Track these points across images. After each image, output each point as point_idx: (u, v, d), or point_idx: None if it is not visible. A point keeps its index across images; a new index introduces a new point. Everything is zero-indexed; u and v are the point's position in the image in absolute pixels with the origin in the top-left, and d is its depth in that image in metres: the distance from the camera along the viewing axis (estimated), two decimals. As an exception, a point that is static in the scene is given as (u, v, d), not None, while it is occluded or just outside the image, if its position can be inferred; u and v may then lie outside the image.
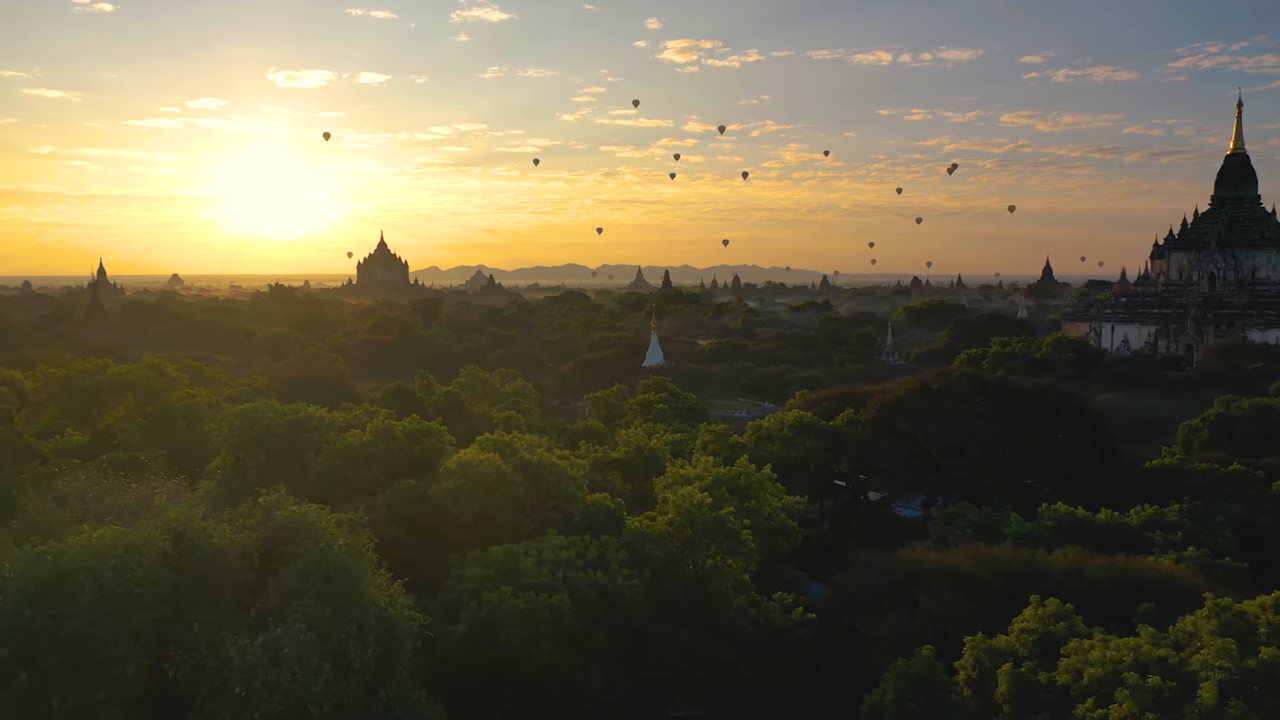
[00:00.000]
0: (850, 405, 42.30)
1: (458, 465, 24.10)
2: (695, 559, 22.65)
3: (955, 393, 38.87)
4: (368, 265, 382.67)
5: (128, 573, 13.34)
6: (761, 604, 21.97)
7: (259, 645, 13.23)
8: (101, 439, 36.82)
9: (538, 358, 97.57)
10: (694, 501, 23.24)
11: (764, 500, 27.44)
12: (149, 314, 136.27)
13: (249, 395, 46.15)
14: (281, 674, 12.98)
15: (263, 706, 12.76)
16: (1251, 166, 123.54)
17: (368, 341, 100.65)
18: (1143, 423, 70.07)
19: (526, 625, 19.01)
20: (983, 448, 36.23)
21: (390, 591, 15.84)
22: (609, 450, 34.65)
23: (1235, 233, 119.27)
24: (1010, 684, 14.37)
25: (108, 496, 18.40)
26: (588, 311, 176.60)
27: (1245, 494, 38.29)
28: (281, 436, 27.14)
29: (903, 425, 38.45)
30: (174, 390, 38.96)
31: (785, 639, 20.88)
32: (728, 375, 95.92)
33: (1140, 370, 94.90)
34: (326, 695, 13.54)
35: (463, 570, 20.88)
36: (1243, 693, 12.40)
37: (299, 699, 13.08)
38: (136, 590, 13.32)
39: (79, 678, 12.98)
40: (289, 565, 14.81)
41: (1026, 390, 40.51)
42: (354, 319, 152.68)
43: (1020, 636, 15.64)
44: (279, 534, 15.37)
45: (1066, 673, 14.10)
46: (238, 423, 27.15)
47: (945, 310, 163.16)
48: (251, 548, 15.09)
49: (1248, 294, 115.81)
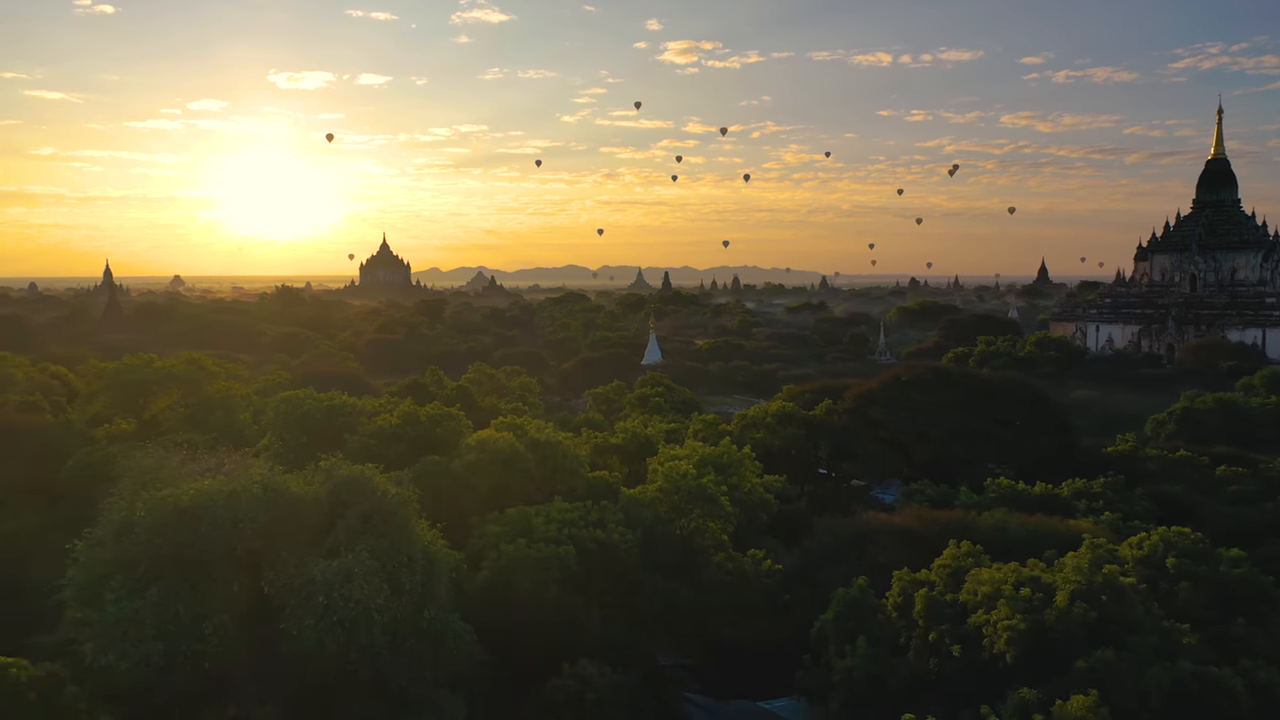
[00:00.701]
0: (830, 397, 46.10)
1: (477, 442, 27.96)
2: (680, 521, 26.47)
3: (923, 385, 42.71)
4: (370, 267, 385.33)
5: (232, 511, 17.16)
6: (737, 559, 25.81)
7: (335, 567, 17.05)
8: (147, 427, 40.55)
9: (540, 356, 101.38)
10: (680, 472, 27.09)
11: (744, 476, 31.22)
12: (160, 315, 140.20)
13: (274, 389, 50.04)
14: (353, 589, 16.80)
15: (339, 612, 16.56)
16: (1231, 171, 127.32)
17: (377, 341, 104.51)
18: (1117, 417, 73.48)
19: (538, 571, 22.83)
20: (946, 434, 40.06)
21: (431, 535, 19.67)
22: (608, 437, 38.44)
23: (1215, 235, 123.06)
24: (924, 604, 18.18)
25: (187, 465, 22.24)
26: (588, 312, 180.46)
27: (1190, 477, 42.05)
28: (320, 420, 31.03)
29: (876, 415, 42.28)
30: (212, 383, 42.78)
31: (755, 586, 24.72)
32: (723, 373, 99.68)
33: (1118, 368, 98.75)
34: (385, 608, 17.36)
35: (484, 528, 24.72)
36: (1089, 599, 16.17)
37: (365, 608, 16.89)
38: (238, 525, 17.14)
39: (196, 592, 16.80)
40: (351, 510, 18.64)
41: (988, 383, 44.35)
42: (360, 319, 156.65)
43: (937, 571, 19.44)
44: (341, 487, 19.20)
45: (966, 593, 17.90)
46: (283, 408, 31.02)
47: (937, 310, 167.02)
48: (321, 496, 18.90)
49: (1227, 294, 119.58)
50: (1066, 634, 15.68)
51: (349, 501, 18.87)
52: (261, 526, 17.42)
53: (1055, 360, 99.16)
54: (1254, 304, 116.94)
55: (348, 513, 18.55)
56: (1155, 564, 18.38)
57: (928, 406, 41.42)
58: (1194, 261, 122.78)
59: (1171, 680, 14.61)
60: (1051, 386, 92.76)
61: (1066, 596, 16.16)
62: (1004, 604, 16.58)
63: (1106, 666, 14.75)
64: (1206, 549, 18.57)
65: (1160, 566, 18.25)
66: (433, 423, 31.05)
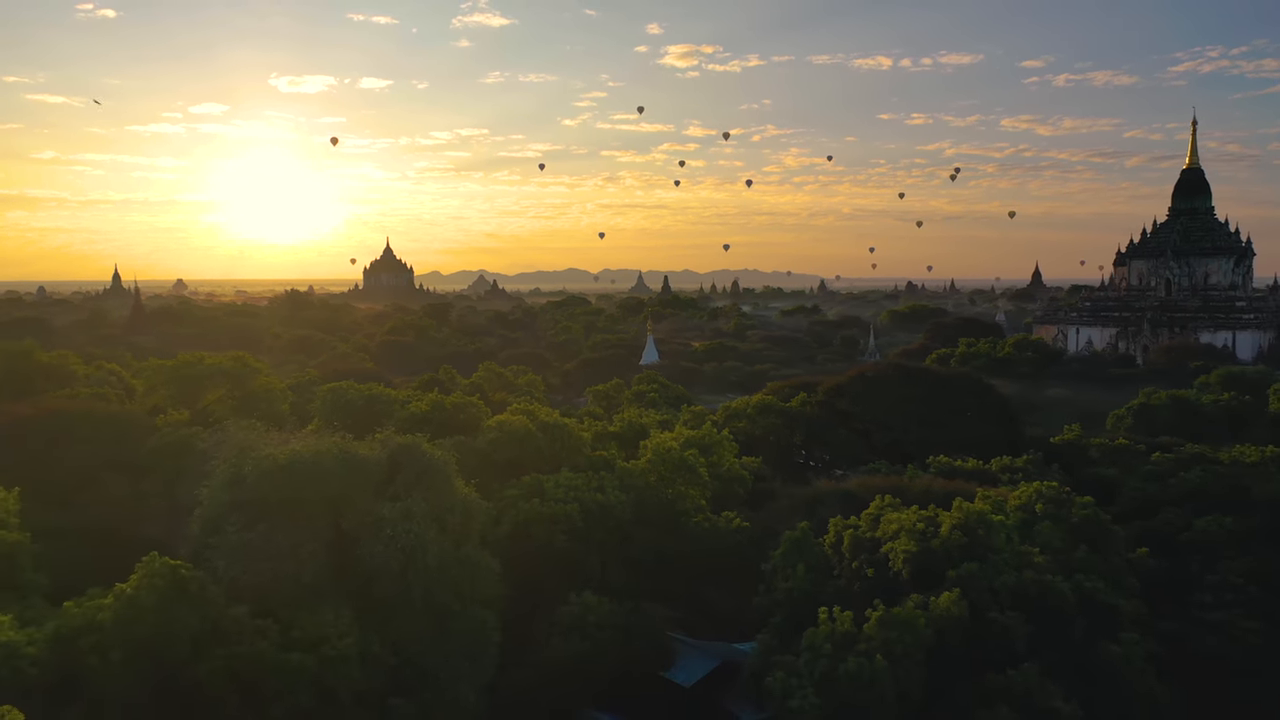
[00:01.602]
0: (806, 391, 51.55)
1: (496, 424, 33.42)
2: (666, 487, 31.89)
3: (886, 380, 48.16)
4: (374, 271, 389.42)
5: (318, 467, 22.56)
6: (712, 519, 31.23)
7: (398, 508, 22.46)
8: (200, 416, 45.97)
9: (543, 357, 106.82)
10: (667, 448, 32.52)
11: (723, 456, 36.66)
12: (175, 318, 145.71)
13: (305, 385, 55.52)
14: (411, 524, 22.18)
15: (401, 541, 21.92)
16: (1205, 180, 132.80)
17: (388, 342, 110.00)
18: (1087, 413, 78.75)
19: (548, 524, 28.26)
20: (904, 422, 45.46)
21: (467, 489, 25.09)
22: (607, 425, 43.83)
23: (1189, 241, 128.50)
24: (849, 540, 23.56)
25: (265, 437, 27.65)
26: (589, 315, 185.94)
27: (1128, 463, 47.37)
28: (361, 406, 36.49)
29: (844, 406, 47.70)
30: (255, 378, 48.13)
31: (726, 539, 30.11)
32: (717, 373, 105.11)
33: (1091, 368, 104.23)
34: (434, 541, 22.76)
35: (503, 492, 30.12)
36: (965, 530, 21.55)
37: (420, 539, 22.26)
38: (324, 477, 22.54)
39: (293, 527, 22.18)
40: (406, 468, 24.07)
41: (944, 378, 49.84)
42: (369, 322, 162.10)
43: (864, 518, 24.84)
44: (397, 452, 24.62)
45: (880, 531, 23.29)
46: (329, 396, 36.49)
47: (927, 314, 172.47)
48: (382, 459, 24.31)
49: (1199, 298, 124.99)
50: (945, 555, 21.03)
51: (403, 463, 24.31)
52: (339, 479, 22.84)
53: (1032, 361, 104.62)
54: (1225, 307, 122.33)
55: (403, 471, 24.00)
56: (1028, 509, 23.81)
57: (890, 399, 46.84)
58: (1169, 267, 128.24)
59: (1015, 584, 19.97)
60: (1028, 385, 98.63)
61: (948, 528, 21.54)
62: (904, 536, 21.97)
63: (969, 575, 20.10)
64: (1065, 498, 24.00)
65: (1032, 511, 23.67)
66: (456, 409, 36.50)
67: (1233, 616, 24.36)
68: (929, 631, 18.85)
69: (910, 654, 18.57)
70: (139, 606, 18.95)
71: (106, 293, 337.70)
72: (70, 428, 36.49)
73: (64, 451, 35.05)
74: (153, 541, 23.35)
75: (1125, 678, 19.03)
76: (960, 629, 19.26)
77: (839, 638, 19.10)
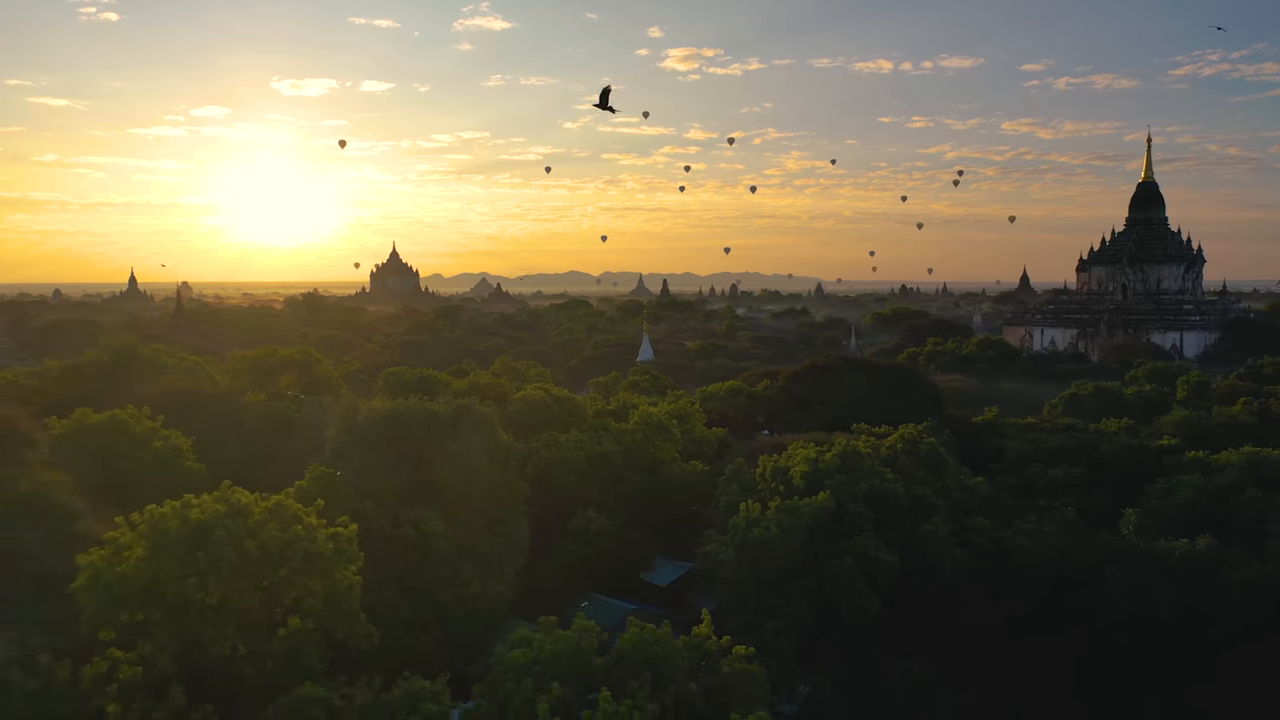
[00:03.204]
0: (770, 379, 62.47)
1: (521, 397, 44.36)
2: (649, 443, 42.79)
3: (833, 369, 59.06)
4: (381, 274, 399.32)
5: (408, 416, 33.46)
6: (682, 466, 42.13)
7: (460, 444, 33.36)
8: (275, 398, 56.89)
9: (549, 354, 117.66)
10: (649, 414, 43.45)
11: (694, 424, 47.62)
12: (207, 319, 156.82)
13: (353, 375, 66.51)
14: (472, 454, 33.05)
15: (465, 465, 32.77)
16: (1159, 193, 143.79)
17: (408, 341, 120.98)
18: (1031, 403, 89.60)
19: (562, 466, 39.16)
20: (845, 402, 56.30)
21: (506, 437, 36.01)
22: (605, 405, 54.75)
23: (1144, 249, 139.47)
24: (769, 468, 34.42)
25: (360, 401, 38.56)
26: (590, 317, 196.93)
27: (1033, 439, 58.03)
28: (415, 385, 47.39)
29: (798, 390, 58.60)
30: (318, 366, 59.15)
31: (691, 479, 41.04)
32: (707, 370, 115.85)
33: (1043, 365, 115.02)
34: (484, 469, 33.67)
35: (529, 444, 41.02)
36: (843, 458, 32.40)
37: (478, 465, 33.13)
38: (411, 422, 33.44)
39: (392, 455, 33.04)
40: (464, 419, 34.98)
41: (881, 368, 60.75)
42: (384, 323, 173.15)
43: (782, 455, 35.68)
44: (458, 408, 35.52)
45: (788, 461, 34.14)
46: (390, 378, 47.42)
47: (908, 316, 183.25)
48: (448, 411, 35.24)
49: (1152, 302, 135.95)
50: (826, 472, 31.86)
51: (462, 415, 35.26)
52: (422, 424, 33.80)
53: (991, 358, 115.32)
54: (1174, 310, 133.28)
55: (463, 420, 34.96)
56: (893, 448, 34.75)
57: (836, 385, 57.73)
58: (1125, 273, 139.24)
59: (868, 488, 30.81)
60: (986, 380, 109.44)
61: (830, 456, 32.44)
62: (801, 461, 32.86)
63: (838, 483, 30.91)
64: (918, 439, 34.88)
65: (894, 449, 34.62)
66: (489, 387, 47.45)
67: (1039, 525, 35.14)
68: (808, 516, 29.67)
69: (795, 529, 29.34)
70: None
71: (123, 295, 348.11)
72: (193, 403, 47.38)
73: (191, 419, 45.93)
74: (279, 478, 34.24)
75: (931, 547, 29.83)
76: (830, 515, 30.05)
77: (750, 519, 29.95)
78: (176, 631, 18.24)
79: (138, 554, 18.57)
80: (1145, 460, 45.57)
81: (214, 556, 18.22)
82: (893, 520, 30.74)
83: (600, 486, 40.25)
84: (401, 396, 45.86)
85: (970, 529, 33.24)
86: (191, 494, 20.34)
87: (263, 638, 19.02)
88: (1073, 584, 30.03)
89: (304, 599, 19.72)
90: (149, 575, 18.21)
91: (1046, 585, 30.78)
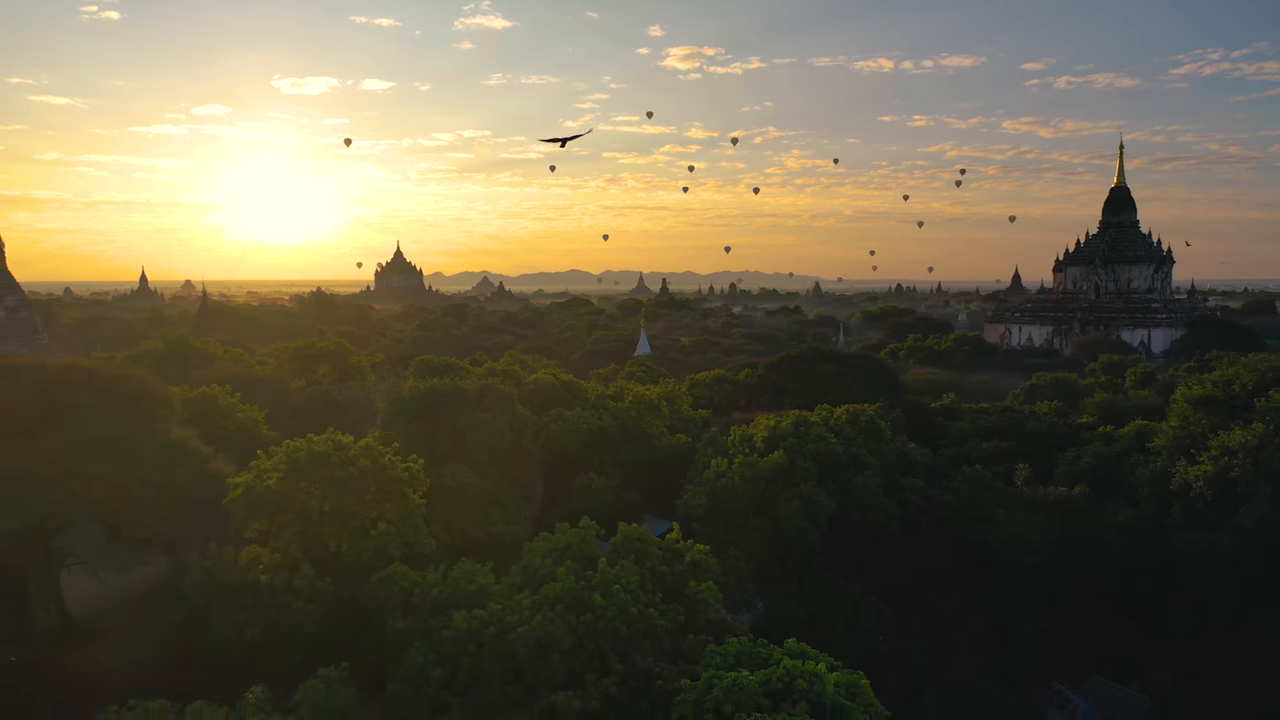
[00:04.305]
0: (750, 368, 70.18)
1: (533, 381, 52.08)
2: (641, 419, 50.55)
3: (805, 359, 66.78)
4: (385, 273, 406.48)
5: (442, 392, 41.19)
6: (670, 439, 49.90)
7: (487, 415, 41.07)
8: (312, 384, 64.63)
9: (552, 349, 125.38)
10: (642, 395, 51.22)
11: (681, 405, 55.42)
12: (227, 316, 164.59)
13: (380, 365, 74.26)
14: (495, 424, 40.77)
15: (490, 434, 40.41)
16: (1131, 197, 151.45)
17: (420, 337, 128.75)
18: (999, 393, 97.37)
19: (569, 436, 46.92)
20: (815, 388, 64.01)
21: (523, 411, 43.76)
22: (605, 391, 62.49)
23: (1116, 251, 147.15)
24: (738, 435, 42.18)
25: (401, 381, 46.36)
26: (591, 315, 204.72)
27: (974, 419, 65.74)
28: (441, 370, 55.11)
29: (774, 378, 66.32)
30: (351, 357, 66.90)
31: (676, 449, 48.80)
32: (700, 364, 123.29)
33: (1016, 358, 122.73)
34: (505, 436, 41.41)
35: (539, 419, 48.78)
36: (796, 425, 40.12)
37: (501, 431, 40.84)
38: (445, 397, 41.18)
39: (431, 424, 40.79)
40: (488, 395, 42.76)
41: (847, 358, 68.47)
42: (394, 321, 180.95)
43: (751, 425, 43.42)
44: (483, 386, 43.31)
45: (754, 430, 41.87)
46: (420, 365, 55.08)
47: (895, 314, 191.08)
48: (475, 389, 42.99)
49: (1122, 300, 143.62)
50: (782, 436, 39.59)
51: (486, 392, 43.06)
52: (454, 399, 41.57)
53: (967, 353, 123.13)
54: (1143, 308, 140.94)
55: (488, 396, 42.76)
56: (839, 419, 42.55)
57: (807, 373, 65.46)
58: (1097, 273, 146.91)
59: (814, 448, 38.54)
60: (960, 372, 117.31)
61: (785, 424, 40.19)
62: (762, 429, 40.60)
63: (790, 444, 38.64)
64: (860, 412, 42.62)
65: (839, 420, 42.42)
66: (506, 373, 55.17)
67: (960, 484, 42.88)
68: (766, 470, 37.39)
69: (755, 480, 37.02)
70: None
71: (134, 294, 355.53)
72: (247, 387, 55.09)
73: (248, 401, 53.64)
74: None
75: (863, 494, 37.59)
76: (783, 469, 37.76)
77: (719, 473, 37.69)
78: (301, 531, 25.92)
79: (276, 477, 26.26)
80: (1064, 435, 53.37)
81: (328, 477, 25.86)
82: (833, 473, 38.51)
83: (599, 454, 47.99)
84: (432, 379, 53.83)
85: (906, 488, 41.12)
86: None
87: (359, 537, 26.70)
88: (973, 522, 37.82)
89: (386, 512, 27.38)
90: (284, 490, 25.87)
91: (955, 525, 38.61)
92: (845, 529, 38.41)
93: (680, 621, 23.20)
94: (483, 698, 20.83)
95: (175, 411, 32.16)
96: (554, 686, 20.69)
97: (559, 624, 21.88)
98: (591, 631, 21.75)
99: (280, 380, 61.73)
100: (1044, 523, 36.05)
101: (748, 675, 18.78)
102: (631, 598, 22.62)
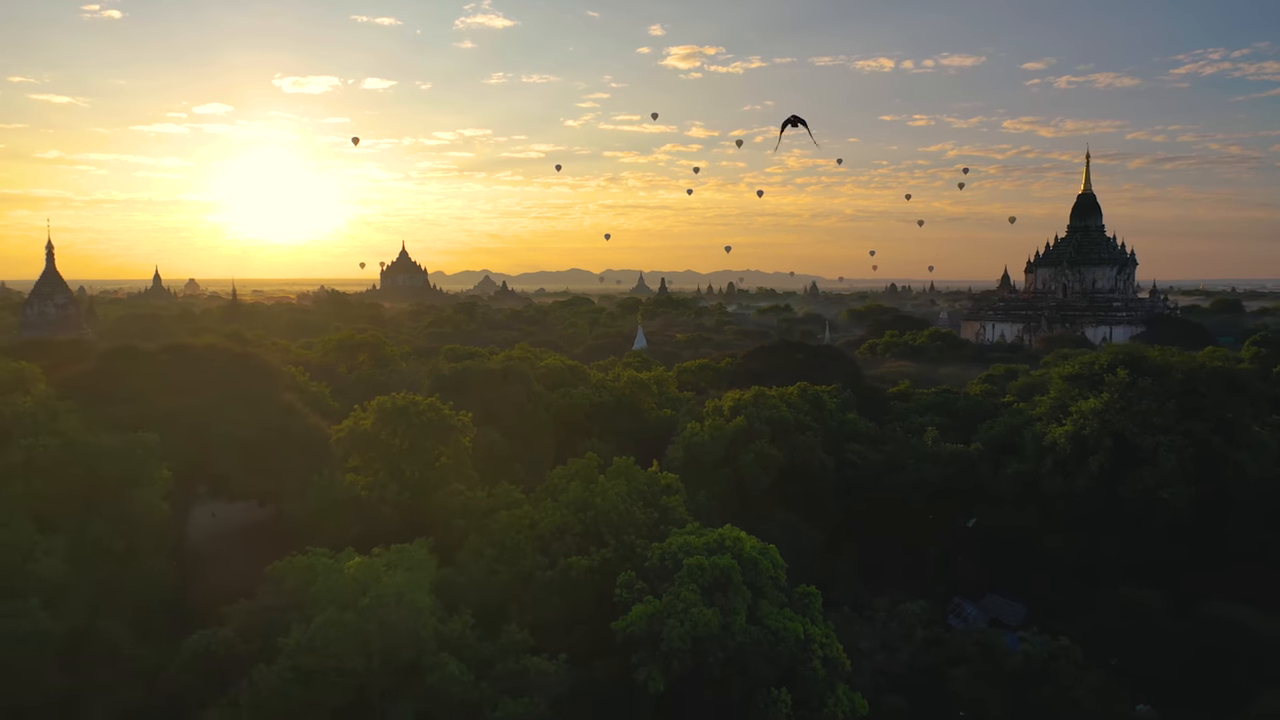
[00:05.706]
0: (731, 358, 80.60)
1: (544, 365, 62.66)
2: (633, 396, 61.04)
3: (777, 350, 77.23)
4: (390, 272, 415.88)
5: (473, 370, 51.62)
6: (659, 413, 60.42)
7: (508, 389, 51.53)
8: (353, 370, 75.18)
9: (556, 344, 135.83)
10: (634, 376, 61.76)
11: (668, 386, 65.97)
12: (248, 314, 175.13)
13: (407, 355, 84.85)
14: (518, 396, 51.22)
15: (512, 405, 50.89)
16: (1097, 203, 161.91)
17: (433, 333, 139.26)
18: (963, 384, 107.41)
19: (574, 409, 57.40)
20: (784, 373, 74.38)
21: (539, 387, 54.23)
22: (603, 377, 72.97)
23: (1082, 253, 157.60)
24: (710, 406, 52.65)
25: (438, 364, 56.87)
26: (592, 313, 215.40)
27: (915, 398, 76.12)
28: (467, 356, 65.61)
29: (751, 366, 76.76)
30: (385, 347, 77.46)
31: (662, 422, 59.28)
32: (692, 358, 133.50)
33: (983, 354, 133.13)
34: (525, 405, 51.88)
35: (550, 396, 59.27)
36: (755, 399, 50.49)
37: (521, 404, 51.30)
38: (475, 374, 51.62)
39: (465, 394, 51.23)
40: (510, 373, 53.24)
41: (815, 349, 78.92)
42: (405, 319, 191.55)
43: (722, 399, 53.87)
44: (506, 367, 53.80)
45: (725, 402, 52.31)
46: (449, 352, 65.57)
47: (878, 312, 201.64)
48: (500, 369, 53.39)
49: (1087, 300, 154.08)
50: (743, 405, 49.96)
51: (509, 371, 53.57)
52: (482, 376, 52.06)
53: (938, 348, 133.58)
54: (1106, 307, 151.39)
55: (510, 374, 53.28)
56: (790, 394, 53.06)
57: (779, 361, 75.91)
58: (1065, 274, 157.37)
59: (769, 415, 48.92)
60: (931, 366, 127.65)
61: (747, 397, 50.59)
62: (729, 400, 51.06)
63: (750, 412, 49.04)
64: (810, 388, 53.09)
65: (791, 395, 52.94)
66: (520, 360, 65.70)
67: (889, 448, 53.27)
68: (730, 431, 47.82)
69: (720, 438, 47.42)
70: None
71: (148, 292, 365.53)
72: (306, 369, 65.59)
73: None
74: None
75: (805, 450, 48.02)
76: (743, 430, 48.16)
77: (693, 433, 48.12)
78: (387, 463, 36.37)
79: (370, 421, 36.76)
80: (989, 410, 63.85)
81: (406, 424, 36.29)
82: (783, 434, 49.01)
83: (600, 425, 58.44)
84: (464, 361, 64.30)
85: (847, 450, 51.62)
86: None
87: (427, 468, 37.15)
88: (893, 470, 48.35)
89: (445, 452, 37.88)
90: (375, 432, 36.30)
91: (880, 475, 49.15)
92: (792, 477, 48.90)
93: (655, 518, 33.66)
94: (520, 564, 31.25)
95: (284, 380, 42.62)
96: (568, 555, 31.13)
97: (571, 517, 32.30)
98: (594, 521, 32.16)
99: (330, 365, 72.33)
100: (944, 470, 46.58)
101: (695, 538, 29.25)
102: (621, 501, 33.05)
